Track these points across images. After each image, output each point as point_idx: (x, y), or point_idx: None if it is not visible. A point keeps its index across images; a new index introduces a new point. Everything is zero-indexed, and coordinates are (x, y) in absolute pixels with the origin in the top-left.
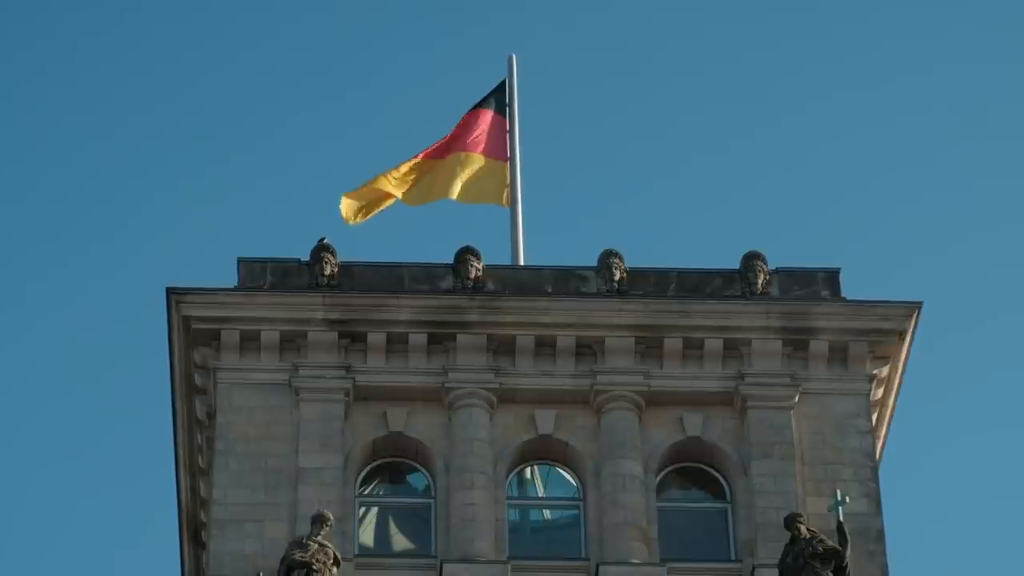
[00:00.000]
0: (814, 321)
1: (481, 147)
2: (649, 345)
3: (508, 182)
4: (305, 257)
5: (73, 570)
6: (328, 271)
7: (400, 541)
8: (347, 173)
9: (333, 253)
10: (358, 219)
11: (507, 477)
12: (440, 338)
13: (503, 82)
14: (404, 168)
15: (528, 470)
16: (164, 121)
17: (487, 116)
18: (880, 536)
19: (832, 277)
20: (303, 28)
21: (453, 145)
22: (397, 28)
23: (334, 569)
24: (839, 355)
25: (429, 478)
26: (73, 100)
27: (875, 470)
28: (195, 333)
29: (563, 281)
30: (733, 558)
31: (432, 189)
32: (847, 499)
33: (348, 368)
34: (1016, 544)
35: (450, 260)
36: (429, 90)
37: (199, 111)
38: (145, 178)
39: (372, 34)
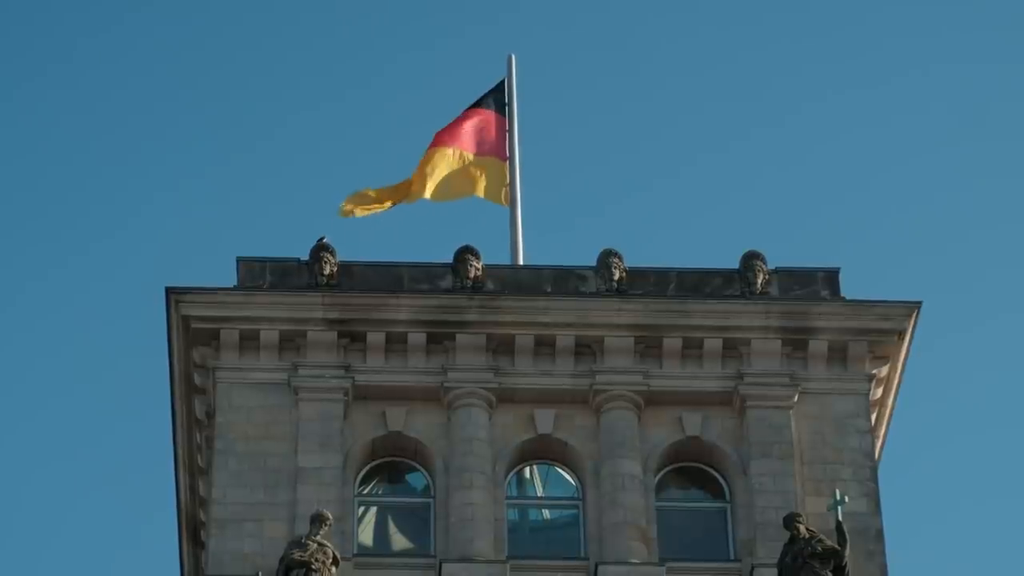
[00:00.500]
0: (813, 321)
1: (467, 142)
2: (648, 345)
3: (507, 181)
4: (304, 257)
5: (72, 570)
6: (327, 271)
7: (399, 541)
8: (347, 173)
9: (332, 253)
10: (357, 214)
11: (506, 477)
12: (439, 338)
13: (502, 81)
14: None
15: (527, 470)
16: (164, 121)
17: (480, 114)
18: (879, 536)
19: (832, 277)
20: (303, 28)
21: (436, 142)
22: (397, 28)
23: (333, 569)
24: (838, 355)
25: (428, 478)
26: (73, 100)
27: (874, 470)
28: (194, 333)
29: (562, 281)
30: (732, 558)
31: (414, 188)
32: (846, 499)
33: (347, 368)
34: (1016, 544)
35: (449, 260)
36: (429, 90)
37: (199, 111)
38: (145, 178)
39: (372, 34)
